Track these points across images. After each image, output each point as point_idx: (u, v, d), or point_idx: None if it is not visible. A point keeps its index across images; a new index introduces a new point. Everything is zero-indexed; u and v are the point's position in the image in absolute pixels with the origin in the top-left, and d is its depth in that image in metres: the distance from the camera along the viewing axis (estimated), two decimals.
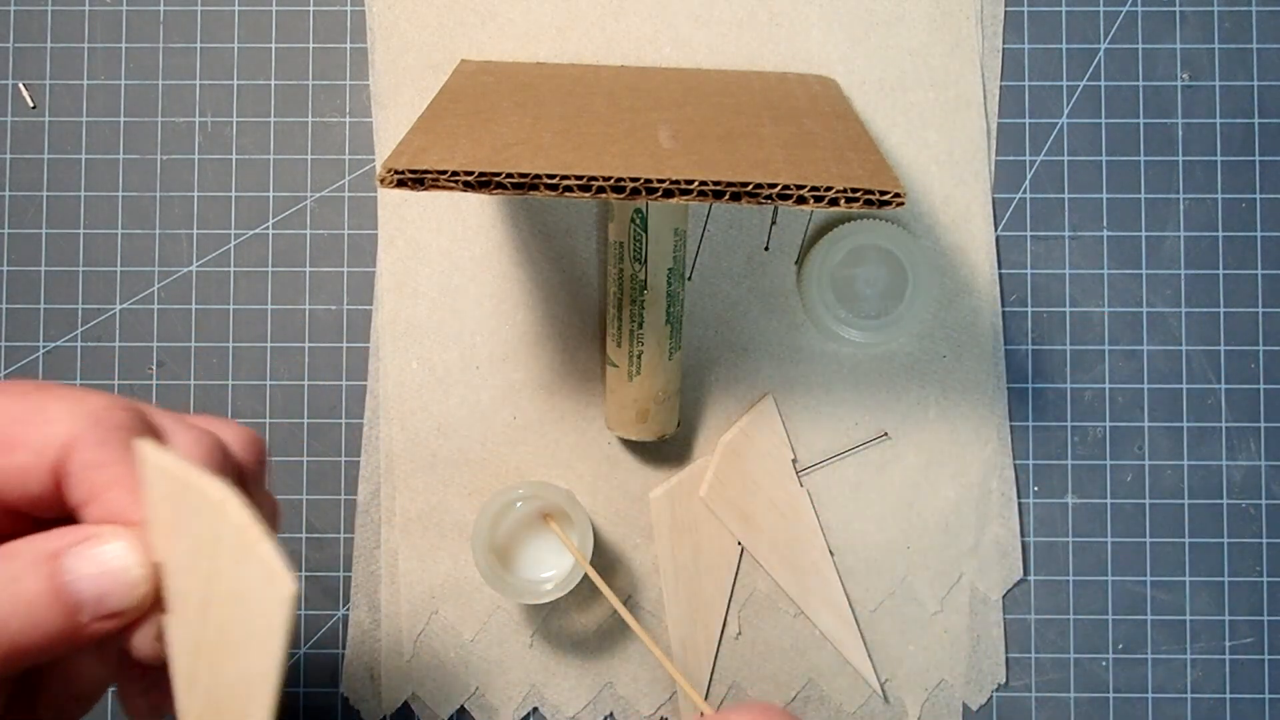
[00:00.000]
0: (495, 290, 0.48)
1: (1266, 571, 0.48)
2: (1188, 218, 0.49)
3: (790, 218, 0.48)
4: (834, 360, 0.49)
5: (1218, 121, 0.49)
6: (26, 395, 0.27)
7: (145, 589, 0.25)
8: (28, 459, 0.26)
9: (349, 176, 0.49)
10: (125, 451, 0.26)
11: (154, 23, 0.49)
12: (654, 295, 0.45)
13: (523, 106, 0.39)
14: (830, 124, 0.40)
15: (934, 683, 0.48)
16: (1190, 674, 0.48)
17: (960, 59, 0.49)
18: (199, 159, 0.49)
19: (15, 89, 0.49)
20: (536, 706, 0.48)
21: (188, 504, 0.24)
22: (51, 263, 0.49)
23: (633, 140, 0.36)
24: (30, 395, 0.27)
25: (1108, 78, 0.49)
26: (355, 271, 0.49)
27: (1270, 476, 0.49)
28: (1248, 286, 0.49)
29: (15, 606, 0.24)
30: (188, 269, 0.49)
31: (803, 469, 0.48)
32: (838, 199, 0.33)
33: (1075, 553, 0.48)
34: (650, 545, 0.48)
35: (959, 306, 0.49)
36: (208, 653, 0.24)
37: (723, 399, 0.49)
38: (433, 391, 0.48)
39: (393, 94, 0.49)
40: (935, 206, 0.49)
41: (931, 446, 0.48)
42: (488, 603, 0.48)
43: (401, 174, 0.32)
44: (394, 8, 0.49)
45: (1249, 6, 0.49)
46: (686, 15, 0.49)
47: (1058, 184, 0.49)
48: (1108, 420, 0.49)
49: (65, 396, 0.27)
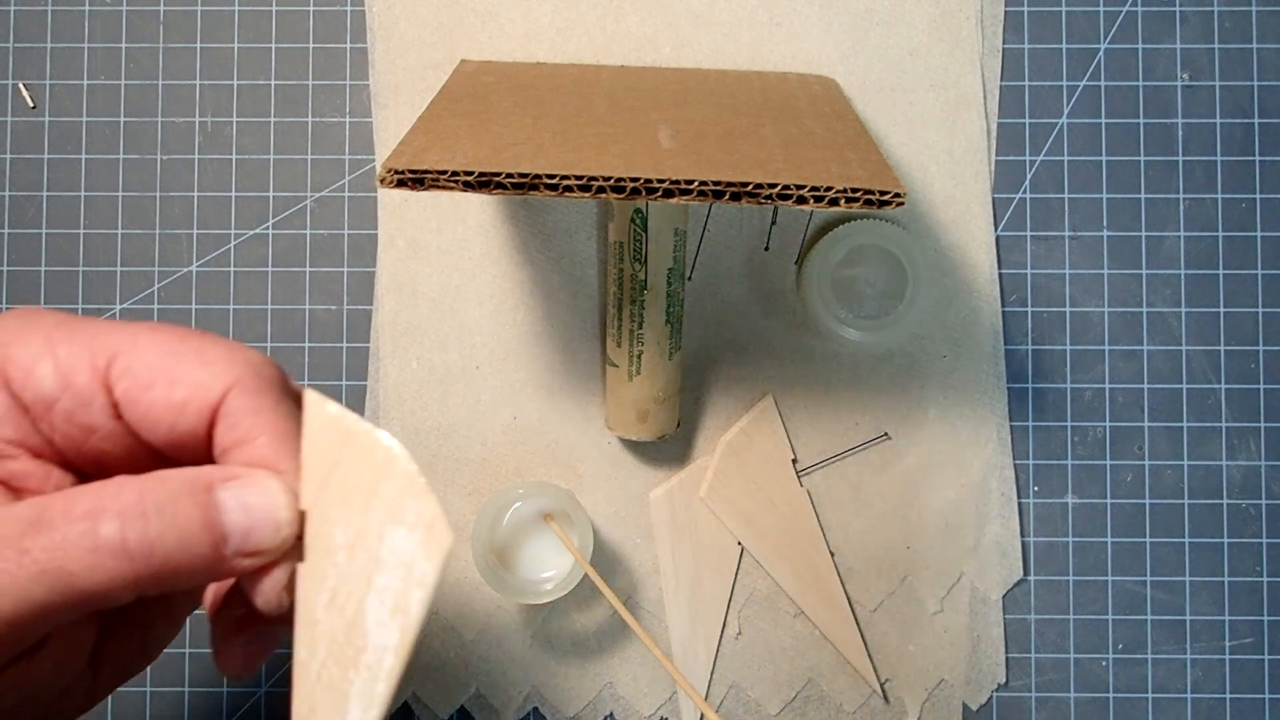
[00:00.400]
0: (495, 290, 0.48)
1: (1266, 571, 0.48)
2: (1188, 218, 0.49)
3: (790, 218, 0.48)
4: (834, 360, 0.49)
5: (1218, 121, 0.49)
6: (186, 338, 0.28)
7: (290, 531, 0.26)
8: (186, 395, 0.27)
9: (349, 176, 0.49)
10: (276, 402, 0.28)
11: (154, 23, 0.49)
12: (654, 295, 0.45)
13: (523, 106, 0.39)
14: (830, 124, 0.40)
15: (934, 683, 0.48)
16: (1190, 674, 0.48)
17: (960, 59, 0.49)
18: (199, 159, 0.49)
19: (15, 89, 0.49)
20: (536, 706, 0.48)
21: (349, 453, 0.24)
22: (51, 263, 0.49)
23: (633, 140, 0.36)
24: (190, 338, 0.28)
25: (1108, 78, 0.49)
26: (355, 271, 0.49)
27: (1270, 476, 0.49)
28: (1248, 286, 0.49)
29: (168, 528, 0.25)
30: (188, 269, 0.49)
31: (803, 469, 0.48)
32: (838, 199, 0.33)
33: (1075, 553, 0.48)
34: (650, 545, 0.48)
35: (959, 306, 0.49)
36: (342, 603, 0.24)
37: (723, 399, 0.49)
38: (433, 391, 0.48)
39: (393, 94, 0.49)
40: (935, 206, 0.49)
41: (931, 446, 0.48)
42: (488, 603, 0.48)
43: (401, 174, 0.32)
44: (394, 8, 0.49)
45: (1249, 6, 0.49)
46: (686, 15, 0.49)
47: (1058, 184, 0.49)
48: (1108, 420, 0.49)
49: (223, 343, 0.28)
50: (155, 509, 0.25)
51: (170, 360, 0.27)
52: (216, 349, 0.28)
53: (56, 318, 0.28)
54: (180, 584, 0.26)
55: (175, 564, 0.25)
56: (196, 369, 0.27)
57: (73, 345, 0.27)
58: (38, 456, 0.28)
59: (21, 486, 0.28)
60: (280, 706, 0.48)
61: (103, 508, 0.25)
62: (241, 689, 0.48)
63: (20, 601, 0.24)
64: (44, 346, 0.27)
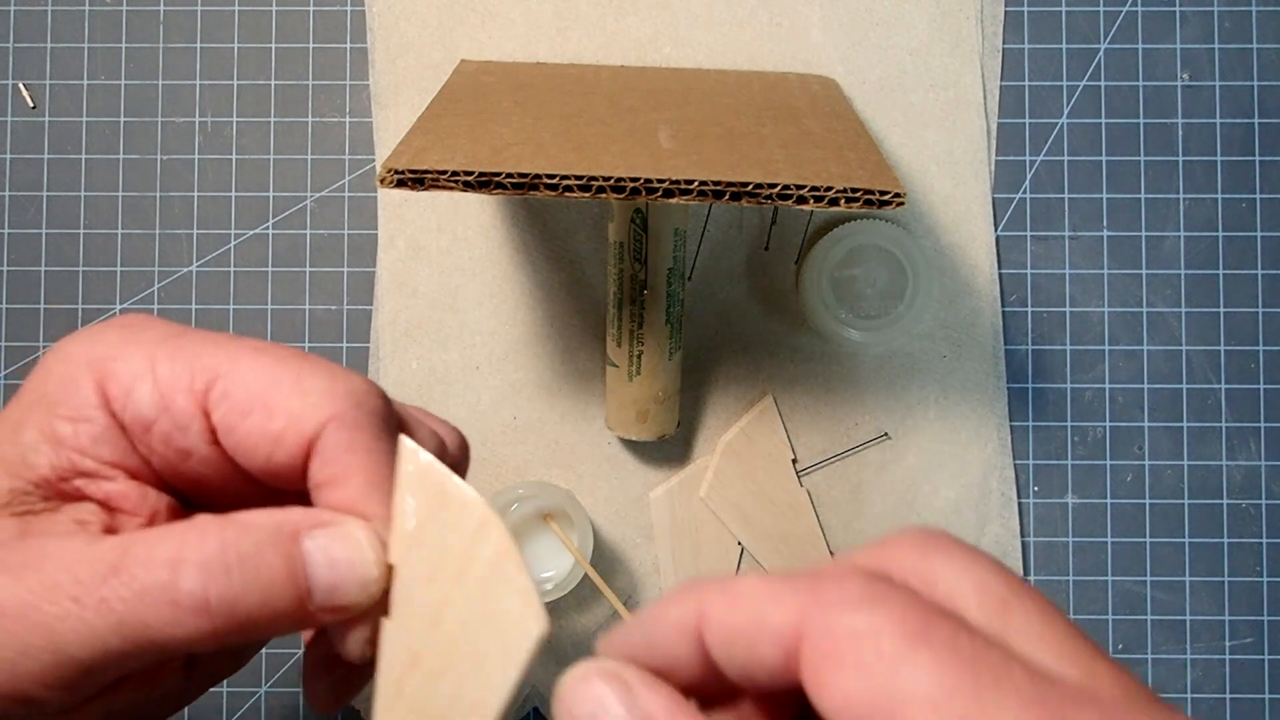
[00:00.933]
0: (495, 290, 0.48)
1: (1266, 571, 0.48)
2: (1188, 218, 0.49)
3: (790, 218, 0.48)
4: (834, 360, 0.49)
5: (1218, 121, 0.49)
6: (287, 362, 0.26)
7: (376, 589, 0.25)
8: (283, 426, 0.26)
9: (349, 176, 0.49)
10: (373, 440, 0.26)
11: (154, 23, 0.49)
12: (654, 295, 0.45)
13: (523, 106, 0.39)
14: (830, 124, 0.40)
15: None
16: (1190, 674, 0.48)
17: (960, 59, 0.49)
18: (199, 159, 0.49)
19: (15, 89, 0.49)
20: (536, 706, 0.48)
21: (443, 513, 0.23)
22: (51, 263, 0.49)
23: (633, 140, 0.36)
24: (290, 363, 0.26)
25: (1108, 78, 0.49)
26: (355, 271, 0.49)
27: (1270, 476, 0.49)
28: (1248, 286, 0.49)
29: (251, 583, 0.24)
30: (188, 269, 0.49)
31: (803, 469, 0.48)
32: (838, 199, 0.33)
33: (1075, 553, 0.48)
34: (650, 545, 0.48)
35: (959, 306, 0.49)
36: (426, 667, 0.23)
37: (723, 399, 0.49)
38: (433, 391, 0.48)
39: (393, 94, 0.49)
40: (935, 206, 0.49)
41: (931, 446, 0.48)
42: None
43: (401, 174, 0.32)
44: (394, 8, 0.49)
45: (1249, 6, 0.49)
46: (687, 15, 0.49)
47: (1058, 184, 0.49)
48: (1108, 420, 0.49)
49: (325, 370, 0.26)
50: (239, 561, 0.24)
51: (269, 387, 0.26)
52: (317, 377, 0.26)
53: (160, 330, 0.27)
54: (262, 635, 0.25)
55: (257, 618, 0.24)
56: (294, 398, 0.26)
57: (174, 364, 0.26)
58: (135, 477, 0.27)
59: (118, 507, 0.27)
60: (279, 706, 0.48)
61: (184, 558, 0.24)
62: (241, 689, 0.48)
63: (97, 650, 0.23)
64: (145, 364, 0.26)
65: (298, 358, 0.27)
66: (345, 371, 0.27)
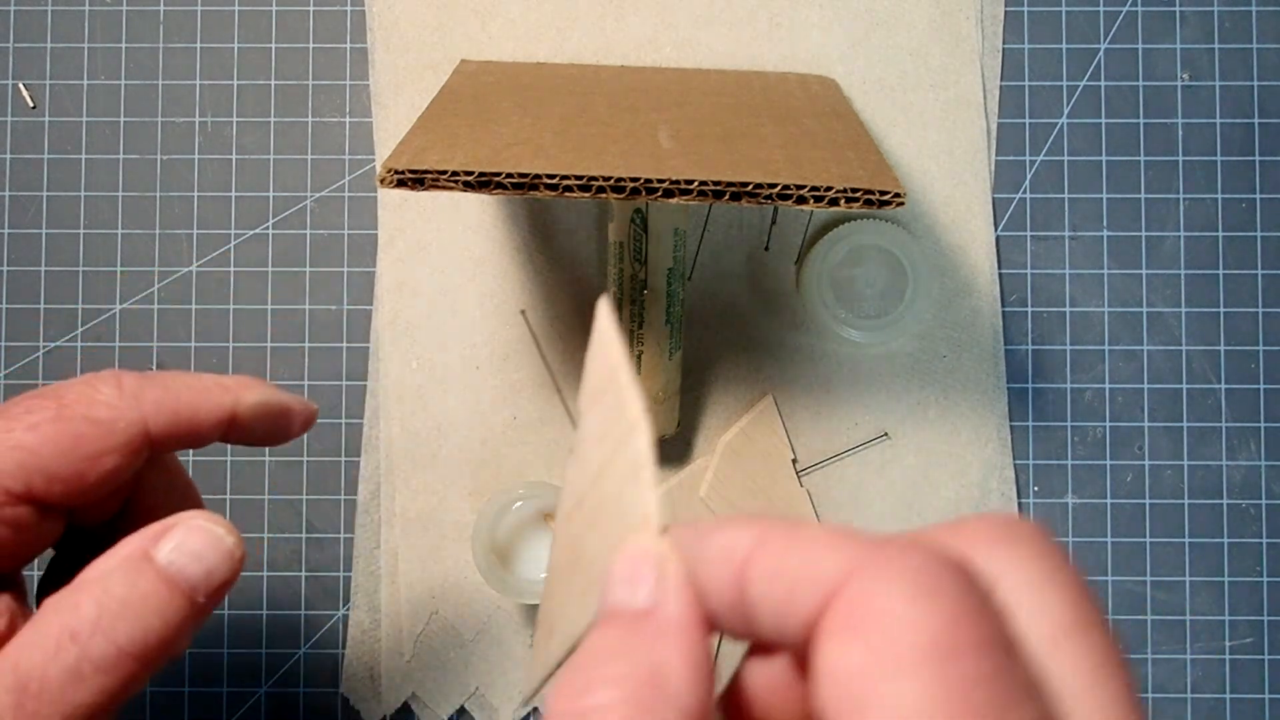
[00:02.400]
0: (495, 290, 0.48)
1: (1266, 571, 0.48)
2: (1188, 218, 0.49)
3: (790, 218, 0.48)
4: (834, 360, 0.49)
5: (1218, 121, 0.49)
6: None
7: (240, 551, 0.27)
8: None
9: (349, 176, 0.49)
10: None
11: (154, 23, 0.49)
12: (654, 295, 0.45)
13: (523, 106, 0.39)
14: (830, 124, 0.40)
15: None
16: (1190, 674, 0.48)
17: (960, 59, 0.49)
18: (199, 159, 0.49)
19: (15, 89, 0.49)
20: (537, 707, 0.48)
21: (613, 387, 0.24)
22: (51, 263, 0.49)
23: (633, 140, 0.36)
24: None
25: (1108, 78, 0.49)
26: (355, 271, 0.49)
27: (1270, 476, 0.49)
28: (1248, 286, 0.49)
29: (143, 611, 0.25)
30: (188, 269, 0.49)
31: (803, 469, 0.48)
32: (838, 199, 0.33)
33: (1075, 553, 0.48)
34: None
35: (959, 306, 0.49)
36: (585, 510, 0.24)
37: (723, 399, 0.49)
38: (433, 391, 0.48)
39: (393, 94, 0.49)
40: (935, 206, 0.49)
41: (931, 446, 0.48)
42: (488, 603, 0.48)
43: (401, 174, 0.32)
44: (394, 8, 0.49)
45: (1249, 6, 0.49)
46: (687, 16, 0.49)
47: (1058, 184, 0.49)
48: (1108, 420, 0.49)
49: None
50: (120, 608, 0.25)
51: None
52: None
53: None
54: (178, 649, 0.26)
55: (170, 637, 0.25)
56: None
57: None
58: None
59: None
60: (279, 706, 0.48)
61: (75, 631, 0.25)
62: (241, 689, 0.48)
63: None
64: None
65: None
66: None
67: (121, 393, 0.28)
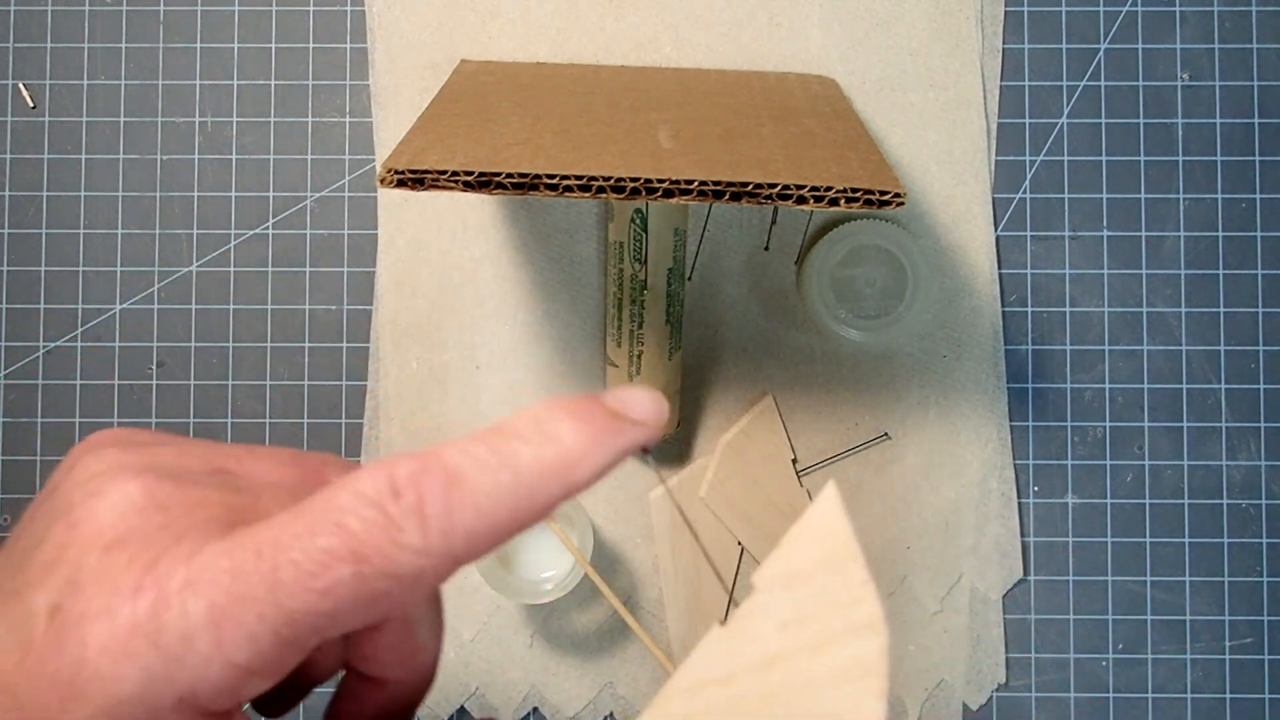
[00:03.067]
0: (495, 290, 0.48)
1: (1266, 571, 0.48)
2: (1188, 218, 0.49)
3: (790, 218, 0.48)
4: (834, 360, 0.49)
5: (1218, 121, 0.49)
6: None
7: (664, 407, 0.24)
8: None
9: (349, 176, 0.49)
10: None
11: (154, 23, 0.49)
12: (654, 295, 0.45)
13: (523, 106, 0.39)
14: (830, 124, 0.40)
15: (934, 683, 0.48)
16: (1190, 674, 0.48)
17: (960, 59, 0.49)
18: (199, 159, 0.49)
19: (15, 89, 0.49)
20: (536, 706, 0.48)
21: (830, 579, 0.22)
22: (51, 263, 0.49)
23: (633, 140, 0.36)
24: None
25: (1108, 78, 0.49)
26: (355, 271, 0.49)
27: (1270, 476, 0.49)
28: (1248, 286, 0.49)
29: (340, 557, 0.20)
30: (188, 269, 0.49)
31: (803, 469, 0.48)
32: (838, 199, 0.33)
33: (1075, 553, 0.48)
34: (650, 545, 0.48)
35: (959, 306, 0.49)
36: (730, 693, 0.21)
37: (723, 399, 0.49)
38: (433, 391, 0.48)
39: (393, 94, 0.49)
40: (935, 206, 0.49)
41: (931, 446, 0.48)
42: (488, 603, 0.48)
43: (401, 174, 0.32)
44: (394, 8, 0.49)
45: (1249, 6, 0.49)
46: (687, 15, 0.49)
47: (1058, 184, 0.49)
48: (1108, 420, 0.49)
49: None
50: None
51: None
52: None
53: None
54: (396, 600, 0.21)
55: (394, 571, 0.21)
56: None
57: None
58: None
59: None
60: None
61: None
62: None
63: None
64: None
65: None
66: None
67: (427, 533, 0.21)
